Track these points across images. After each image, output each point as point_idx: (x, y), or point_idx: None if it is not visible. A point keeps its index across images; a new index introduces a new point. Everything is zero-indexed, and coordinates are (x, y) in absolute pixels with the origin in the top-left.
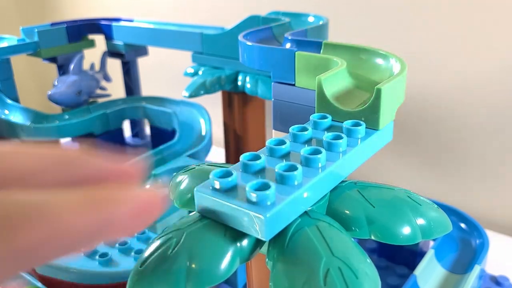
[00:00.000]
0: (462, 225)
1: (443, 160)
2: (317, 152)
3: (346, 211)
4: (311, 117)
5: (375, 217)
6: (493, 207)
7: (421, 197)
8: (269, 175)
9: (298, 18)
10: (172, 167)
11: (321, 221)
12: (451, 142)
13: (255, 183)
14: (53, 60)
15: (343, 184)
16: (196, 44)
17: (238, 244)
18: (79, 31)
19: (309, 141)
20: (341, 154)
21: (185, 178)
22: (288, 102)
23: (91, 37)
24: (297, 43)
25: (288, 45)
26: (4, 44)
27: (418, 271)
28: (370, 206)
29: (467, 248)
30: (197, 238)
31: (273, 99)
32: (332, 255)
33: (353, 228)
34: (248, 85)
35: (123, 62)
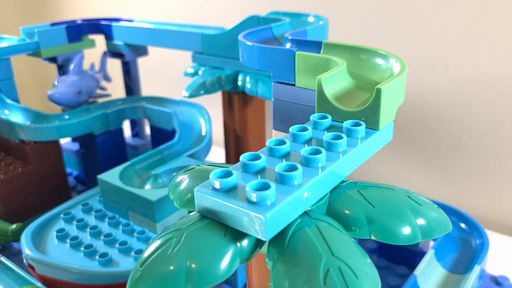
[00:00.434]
0: (462, 225)
1: (443, 160)
2: (317, 152)
3: (346, 211)
4: (311, 117)
5: (375, 217)
6: (493, 207)
7: (421, 197)
8: (269, 175)
9: (298, 18)
10: (172, 167)
11: (321, 221)
12: (451, 142)
13: (255, 183)
14: (53, 60)
15: (343, 184)
16: (196, 44)
17: (238, 244)
18: (79, 31)
19: (309, 141)
20: (341, 154)
21: (185, 178)
22: (288, 102)
23: (91, 37)
24: (297, 43)
25: (288, 45)
26: (4, 44)
27: (418, 271)
28: (370, 206)
29: (467, 248)
30: (197, 238)
31: (273, 99)
32: (332, 255)
33: (353, 228)
34: (248, 85)
35: (123, 62)
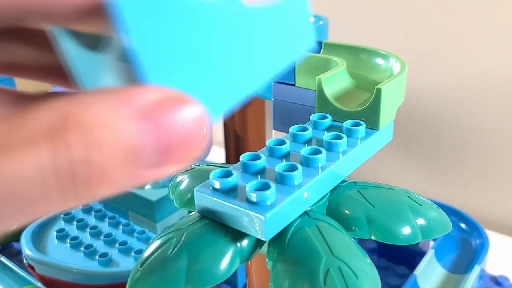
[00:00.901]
0: (462, 225)
1: (443, 160)
2: (317, 152)
3: (346, 211)
4: (311, 117)
5: (375, 217)
6: (493, 207)
7: (421, 197)
8: (269, 175)
9: None
10: None
11: (321, 221)
12: (451, 142)
13: (255, 183)
14: None
15: (343, 184)
16: None
17: (238, 244)
18: None
19: (309, 141)
20: (341, 154)
21: (185, 178)
22: (288, 102)
23: None
24: None
25: None
26: None
27: (418, 271)
28: (370, 206)
29: (467, 248)
30: (197, 238)
31: (273, 99)
32: (332, 255)
33: (353, 228)
34: None
35: None
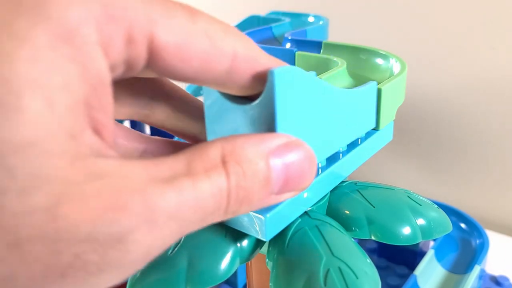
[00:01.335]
0: (462, 225)
1: (443, 160)
2: None
3: (346, 211)
4: None
5: (375, 217)
6: (493, 207)
7: (421, 197)
8: None
9: (298, 18)
10: None
11: (322, 221)
12: (451, 142)
13: None
14: None
15: (343, 184)
16: None
17: (238, 244)
18: None
19: None
20: (341, 154)
21: None
22: None
23: None
24: (297, 43)
25: (288, 45)
26: None
27: (418, 271)
28: (370, 206)
29: (467, 248)
30: (197, 238)
31: None
32: (332, 255)
33: (353, 228)
34: None
35: None
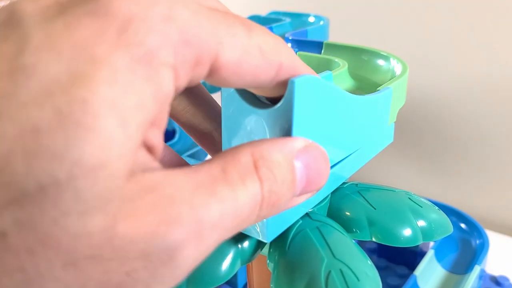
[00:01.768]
0: (462, 225)
1: (444, 160)
2: None
3: (347, 213)
4: None
5: (376, 219)
6: (493, 207)
7: (422, 199)
8: None
9: (298, 18)
10: None
11: (323, 222)
12: (451, 142)
13: None
14: None
15: (344, 186)
16: None
17: (239, 245)
18: None
19: None
20: None
21: None
22: None
23: None
24: (297, 43)
25: (289, 46)
26: None
27: (418, 271)
28: (371, 208)
29: (467, 248)
30: None
31: None
32: (333, 257)
33: (354, 230)
34: None
35: None
